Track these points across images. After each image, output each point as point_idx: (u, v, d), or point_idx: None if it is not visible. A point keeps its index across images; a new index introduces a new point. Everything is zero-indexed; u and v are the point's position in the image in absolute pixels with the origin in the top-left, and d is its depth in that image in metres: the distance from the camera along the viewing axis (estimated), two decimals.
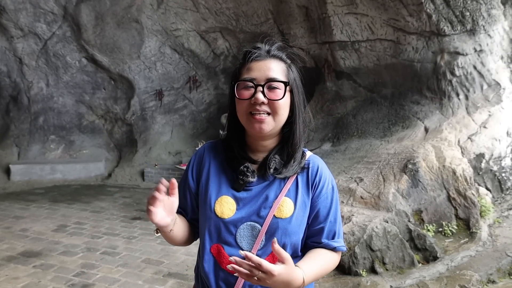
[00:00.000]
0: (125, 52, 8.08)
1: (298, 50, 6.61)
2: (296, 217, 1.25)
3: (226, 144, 1.33)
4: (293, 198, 1.26)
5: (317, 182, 1.29)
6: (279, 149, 1.29)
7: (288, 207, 1.25)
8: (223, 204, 1.26)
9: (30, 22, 7.69)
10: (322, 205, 1.29)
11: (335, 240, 1.28)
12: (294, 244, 1.27)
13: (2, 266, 3.91)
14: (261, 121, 1.20)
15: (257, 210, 1.25)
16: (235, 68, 1.31)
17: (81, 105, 8.77)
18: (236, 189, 1.27)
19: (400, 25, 5.42)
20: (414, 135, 5.03)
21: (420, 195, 4.20)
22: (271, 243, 1.07)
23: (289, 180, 1.27)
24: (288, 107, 1.27)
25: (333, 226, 1.29)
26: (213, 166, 1.33)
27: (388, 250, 3.48)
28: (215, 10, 7.67)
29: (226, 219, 1.24)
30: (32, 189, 7.30)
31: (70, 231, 5.03)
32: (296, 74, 1.32)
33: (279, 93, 1.22)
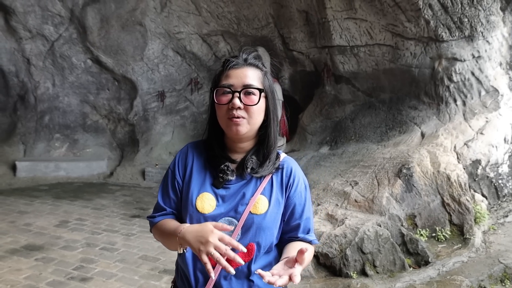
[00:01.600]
0: (129, 54, 8.20)
1: (273, 60, 6.67)
2: (270, 214, 1.35)
3: (208, 144, 1.44)
4: (268, 196, 1.37)
5: (291, 183, 1.40)
6: (256, 151, 1.40)
7: (263, 204, 1.35)
8: (204, 200, 1.35)
9: (38, 24, 7.85)
10: (297, 203, 1.40)
11: (310, 235, 1.41)
12: (269, 239, 1.36)
13: (5, 258, 4.06)
14: (237, 124, 1.30)
15: (235, 206, 1.34)
16: (215, 75, 1.41)
17: (85, 105, 8.91)
18: (216, 186, 1.37)
19: (398, 30, 5.49)
20: (410, 140, 5.08)
21: (414, 200, 4.26)
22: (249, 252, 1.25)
23: (264, 179, 1.37)
24: (263, 112, 1.37)
25: (307, 223, 1.41)
26: (196, 165, 1.43)
27: (379, 253, 3.54)
28: (217, 14, 7.77)
29: (206, 214, 1.33)
30: (36, 186, 7.44)
31: (72, 226, 5.15)
32: (271, 82, 1.42)
33: (254, 98, 1.32)
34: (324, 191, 4.85)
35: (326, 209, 4.42)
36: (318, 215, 4.36)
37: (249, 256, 1.33)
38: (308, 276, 3.54)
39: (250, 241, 1.33)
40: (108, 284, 3.57)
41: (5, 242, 4.52)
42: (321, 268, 3.66)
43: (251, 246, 1.33)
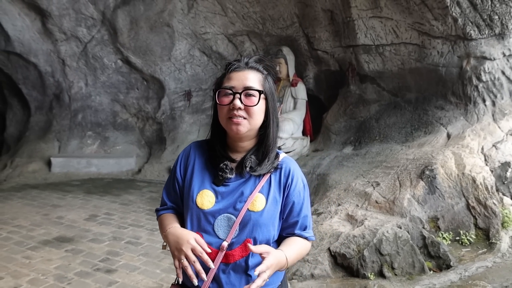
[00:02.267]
0: (157, 55, 8.41)
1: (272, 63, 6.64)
2: (267, 211, 1.41)
3: (210, 144, 1.52)
4: (265, 194, 1.43)
5: (290, 182, 1.46)
6: (255, 150, 1.47)
7: (260, 202, 1.41)
8: (204, 197, 1.43)
9: (73, 27, 8.16)
10: (296, 202, 1.46)
11: (306, 231, 1.49)
12: (265, 235, 1.42)
13: (38, 249, 4.29)
14: (238, 124, 1.38)
15: (233, 203, 1.41)
16: (218, 77, 1.50)
17: (116, 103, 9.20)
18: (216, 184, 1.44)
19: (425, 29, 5.37)
20: (436, 141, 4.98)
21: (437, 202, 4.17)
22: (246, 247, 1.32)
23: (263, 178, 1.44)
24: (263, 113, 1.44)
25: (305, 220, 1.48)
26: (198, 163, 1.51)
27: (397, 255, 3.51)
28: (242, 14, 7.85)
29: (205, 210, 1.42)
30: (69, 181, 7.75)
31: (100, 220, 5.37)
32: (272, 84, 1.49)
33: (254, 100, 1.39)
34: (345, 192, 4.83)
35: (346, 209, 4.40)
36: (338, 216, 4.36)
37: (246, 251, 1.40)
38: (325, 275, 3.55)
39: (247, 236, 1.40)
40: (131, 276, 3.71)
41: (39, 234, 4.77)
42: (339, 268, 3.66)
43: (248, 242, 1.40)
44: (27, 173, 7.96)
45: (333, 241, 3.82)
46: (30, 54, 8.28)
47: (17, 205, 5.98)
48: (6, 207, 5.87)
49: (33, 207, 5.88)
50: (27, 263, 3.91)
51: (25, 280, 3.56)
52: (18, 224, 5.08)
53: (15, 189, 6.98)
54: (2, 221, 5.17)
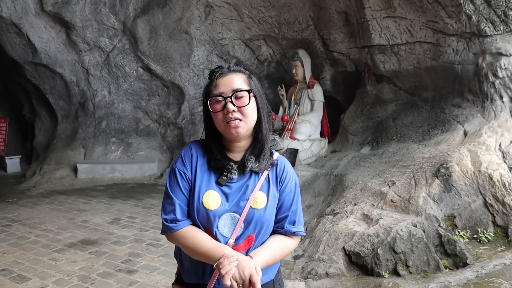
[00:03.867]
0: (176, 61, 8.61)
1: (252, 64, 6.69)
2: (269, 208, 1.50)
3: (208, 147, 1.57)
4: (265, 192, 1.51)
5: (283, 179, 1.55)
6: (252, 148, 1.53)
7: (262, 199, 1.49)
8: (210, 197, 1.47)
9: (95, 37, 8.46)
10: (287, 198, 1.54)
11: (295, 226, 1.54)
12: (268, 230, 1.53)
13: (64, 251, 4.49)
14: (236, 127, 1.44)
15: (237, 202, 1.48)
16: (205, 87, 1.56)
17: (138, 110, 9.46)
18: (220, 184, 1.49)
19: (439, 27, 5.34)
20: (452, 139, 4.93)
21: (453, 200, 4.15)
22: (249, 241, 1.46)
23: (262, 176, 1.51)
24: (255, 110, 1.50)
25: (294, 215, 1.55)
26: (200, 163, 1.54)
27: (412, 253, 3.51)
28: (258, 19, 7.96)
29: (212, 210, 1.46)
30: (94, 186, 8.02)
31: (123, 224, 5.56)
32: (256, 82, 1.54)
33: (245, 100, 1.46)
34: (362, 191, 4.85)
35: (362, 209, 4.43)
36: (354, 215, 4.39)
37: (249, 245, 1.49)
38: (340, 274, 3.60)
39: (251, 232, 1.48)
40: (151, 277, 3.85)
41: (65, 237, 4.99)
42: (353, 266, 3.69)
43: (252, 237, 1.48)
44: (55, 179, 8.27)
45: (348, 240, 3.86)
46: (56, 64, 8.62)
47: (45, 210, 6.25)
48: (34, 212, 6.14)
49: (60, 212, 6.14)
50: (53, 265, 4.12)
51: (51, 280, 3.75)
52: (45, 228, 5.33)
53: (44, 195, 7.28)
54: (31, 226, 5.43)
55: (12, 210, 6.24)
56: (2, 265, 4.09)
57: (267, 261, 1.47)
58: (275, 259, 1.52)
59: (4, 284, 3.65)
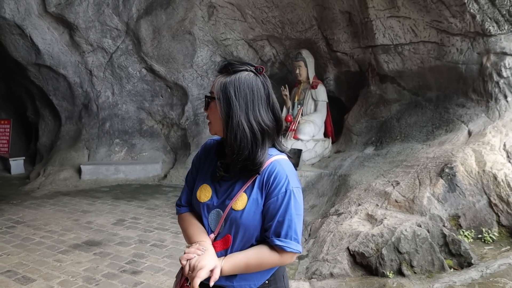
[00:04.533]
0: (179, 62, 8.63)
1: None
2: (247, 211, 1.43)
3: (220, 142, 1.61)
4: (248, 194, 1.44)
5: (270, 184, 1.42)
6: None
7: (242, 202, 1.43)
8: (202, 191, 1.53)
9: (98, 38, 8.47)
10: (272, 206, 1.42)
11: (280, 239, 1.40)
12: (246, 235, 1.45)
13: (69, 252, 4.50)
14: (209, 126, 1.52)
15: (223, 200, 1.47)
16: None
17: (141, 111, 9.47)
18: (213, 180, 1.52)
19: (443, 26, 5.33)
20: (456, 139, 4.92)
21: (457, 200, 4.14)
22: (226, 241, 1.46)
23: (250, 178, 1.45)
24: (218, 117, 1.44)
25: (279, 226, 1.41)
26: (206, 158, 1.61)
27: (416, 253, 3.50)
28: (261, 19, 7.96)
29: (201, 202, 1.52)
30: (98, 187, 8.03)
31: (127, 224, 5.57)
32: (236, 86, 1.42)
33: (210, 105, 1.48)
34: (366, 192, 4.85)
35: (366, 209, 4.42)
36: (358, 215, 4.38)
37: (226, 245, 1.47)
38: (344, 274, 3.59)
39: (228, 232, 1.46)
40: (155, 277, 3.86)
41: (69, 238, 5.00)
42: (358, 267, 3.69)
43: (228, 237, 1.46)
44: (59, 180, 8.28)
45: (352, 241, 3.85)
46: (59, 66, 8.64)
47: (49, 212, 6.26)
48: (39, 213, 6.16)
49: (64, 213, 6.15)
50: (58, 266, 4.13)
51: (56, 282, 3.76)
52: (50, 230, 5.34)
53: (48, 196, 7.29)
54: (36, 227, 5.45)
55: (16, 211, 6.26)
56: (7, 266, 4.10)
57: (237, 267, 1.42)
58: (248, 267, 1.44)
59: (9, 286, 3.67)
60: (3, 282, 3.75)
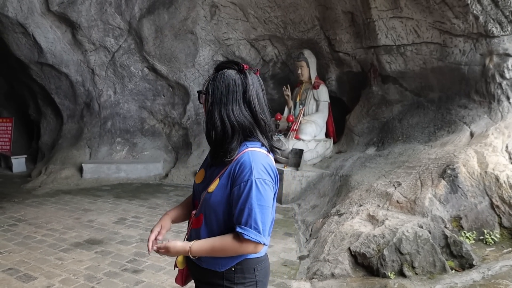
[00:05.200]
0: (181, 62, 8.63)
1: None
2: (215, 194, 1.54)
3: None
4: (219, 180, 1.55)
5: (236, 173, 1.50)
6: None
7: (214, 185, 1.55)
8: (199, 174, 1.73)
9: (101, 37, 8.46)
10: (235, 194, 1.48)
11: (241, 227, 1.46)
12: (214, 217, 1.57)
13: (70, 251, 4.49)
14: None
15: (207, 183, 1.61)
16: None
17: (143, 110, 9.47)
18: (207, 166, 1.70)
19: (446, 27, 5.32)
20: (458, 140, 4.91)
21: (459, 201, 4.14)
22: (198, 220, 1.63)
23: (225, 166, 1.55)
24: (204, 109, 1.64)
25: (240, 214, 1.46)
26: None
27: (417, 254, 3.50)
28: (264, 19, 7.96)
29: (196, 184, 1.72)
30: (100, 186, 8.02)
31: (128, 223, 5.56)
32: (219, 81, 1.54)
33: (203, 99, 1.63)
34: (367, 192, 4.85)
35: (368, 210, 4.42)
36: (360, 216, 4.38)
37: (198, 224, 1.61)
38: (345, 275, 3.59)
39: (202, 212, 1.60)
40: (157, 276, 3.86)
41: (71, 236, 5.00)
42: (359, 267, 3.69)
43: (201, 216, 1.61)
44: (60, 179, 8.26)
45: (353, 241, 3.85)
46: (61, 64, 8.63)
47: (51, 210, 6.26)
48: (40, 211, 6.16)
49: (66, 212, 6.15)
50: (59, 264, 4.13)
51: (58, 280, 3.76)
52: (51, 228, 5.34)
53: (49, 195, 7.29)
54: (37, 225, 5.45)
55: (18, 209, 6.27)
56: (8, 264, 4.11)
57: (204, 249, 1.53)
58: (213, 251, 1.52)
59: (11, 283, 3.67)
60: (4, 280, 3.75)
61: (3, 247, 4.61)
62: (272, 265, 4.13)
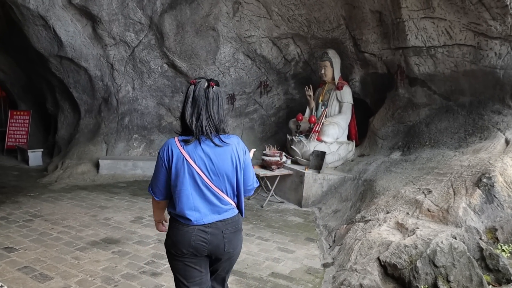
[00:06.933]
0: (202, 58, 8.49)
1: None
2: None
3: None
4: None
5: None
6: None
7: None
8: None
9: (121, 32, 8.37)
10: None
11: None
12: None
13: (87, 250, 4.39)
14: None
15: None
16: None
17: (161, 107, 9.38)
18: None
19: (481, 29, 5.08)
20: (493, 147, 4.67)
21: (495, 212, 3.91)
22: None
23: None
24: None
25: None
26: None
27: (453, 268, 3.29)
28: (287, 17, 7.78)
29: None
30: (116, 183, 7.96)
31: (145, 223, 5.45)
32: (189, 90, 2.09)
33: None
34: (394, 199, 4.64)
35: (396, 217, 4.22)
36: (387, 224, 4.19)
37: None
38: (375, 286, 3.40)
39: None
40: None
41: (87, 235, 4.91)
42: (389, 279, 3.49)
43: None
44: (77, 174, 8.23)
45: (382, 250, 3.66)
46: (81, 58, 8.58)
47: (67, 206, 6.19)
48: (56, 207, 6.09)
49: (82, 208, 6.08)
50: (76, 264, 4.02)
51: (74, 281, 3.64)
52: (67, 225, 5.26)
53: (65, 190, 7.24)
54: (53, 221, 5.37)
55: (34, 204, 6.21)
56: (24, 262, 4.01)
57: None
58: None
59: (26, 283, 3.57)
60: (20, 279, 3.65)
61: (19, 243, 4.53)
62: (295, 272, 3.96)
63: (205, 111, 1.99)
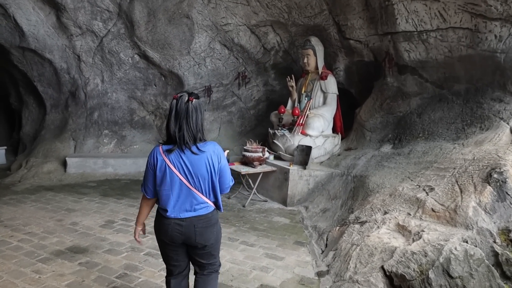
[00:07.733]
0: (175, 48, 7.91)
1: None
2: None
3: None
4: None
5: None
6: None
7: None
8: None
9: (88, 20, 7.73)
10: None
11: None
12: None
13: (50, 261, 3.86)
14: None
15: None
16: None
17: (133, 101, 8.79)
18: None
19: (480, 10, 4.70)
20: (497, 138, 4.32)
21: (508, 211, 3.53)
22: None
23: None
24: None
25: None
26: None
27: (471, 278, 2.89)
28: (266, 3, 7.25)
29: None
30: (85, 182, 7.39)
31: (117, 227, 4.93)
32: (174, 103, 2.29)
33: None
34: (391, 197, 4.24)
35: (396, 218, 3.82)
36: (386, 226, 3.78)
37: None
38: None
39: None
40: None
41: (51, 243, 4.34)
42: None
43: None
44: (42, 173, 7.63)
45: (386, 258, 3.25)
46: (45, 50, 7.91)
47: (30, 209, 5.61)
48: (18, 211, 5.50)
49: (47, 212, 5.50)
50: (36, 279, 3.47)
51: None
52: (30, 231, 4.69)
53: (29, 191, 6.63)
54: (14, 228, 4.78)
55: None
56: None
57: None
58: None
59: None
60: None
61: None
62: (287, 283, 3.51)
63: (186, 123, 2.24)
